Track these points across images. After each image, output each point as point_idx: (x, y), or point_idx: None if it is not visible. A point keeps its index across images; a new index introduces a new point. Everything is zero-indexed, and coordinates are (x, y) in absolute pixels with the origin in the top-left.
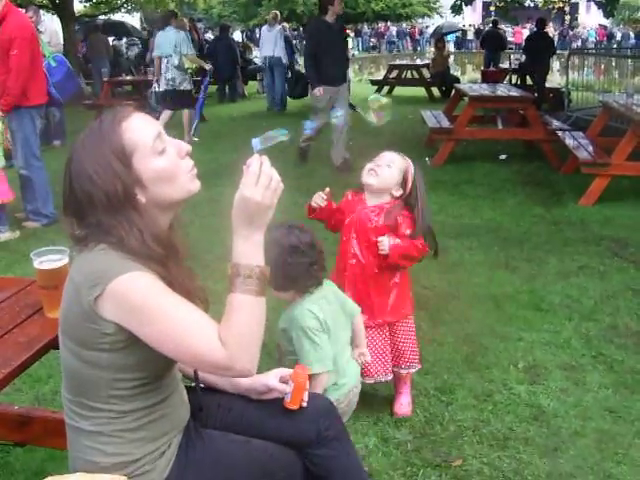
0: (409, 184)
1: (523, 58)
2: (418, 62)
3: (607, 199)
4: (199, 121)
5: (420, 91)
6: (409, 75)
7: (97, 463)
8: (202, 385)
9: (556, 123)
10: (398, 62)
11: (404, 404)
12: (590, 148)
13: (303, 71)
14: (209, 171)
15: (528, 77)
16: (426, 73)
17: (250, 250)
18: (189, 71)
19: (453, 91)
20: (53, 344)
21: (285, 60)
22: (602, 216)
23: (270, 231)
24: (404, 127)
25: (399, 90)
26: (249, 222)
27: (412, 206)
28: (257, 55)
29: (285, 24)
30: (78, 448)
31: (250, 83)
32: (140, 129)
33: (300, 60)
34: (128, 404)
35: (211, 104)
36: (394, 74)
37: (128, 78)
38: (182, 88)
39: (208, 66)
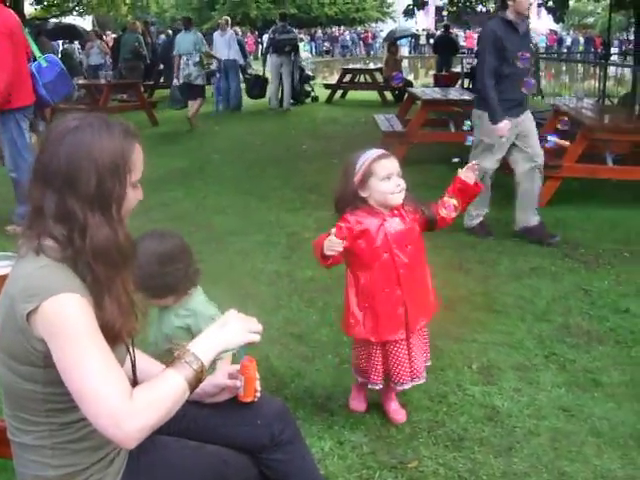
0: None
1: (475, 62)
2: (371, 66)
3: (557, 201)
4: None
5: (373, 95)
6: (362, 79)
7: (44, 477)
8: None
9: None
10: (351, 66)
11: (398, 409)
12: None
13: (258, 74)
14: (160, 176)
15: None
16: (379, 77)
17: (206, 349)
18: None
19: (406, 95)
20: None
21: (241, 62)
22: (553, 217)
23: (142, 240)
24: (357, 131)
25: (352, 94)
26: (219, 336)
27: None
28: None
29: (237, 28)
30: (24, 463)
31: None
32: (141, 158)
33: (253, 64)
34: (68, 416)
35: (162, 107)
36: (347, 78)
37: (81, 82)
38: (196, 83)
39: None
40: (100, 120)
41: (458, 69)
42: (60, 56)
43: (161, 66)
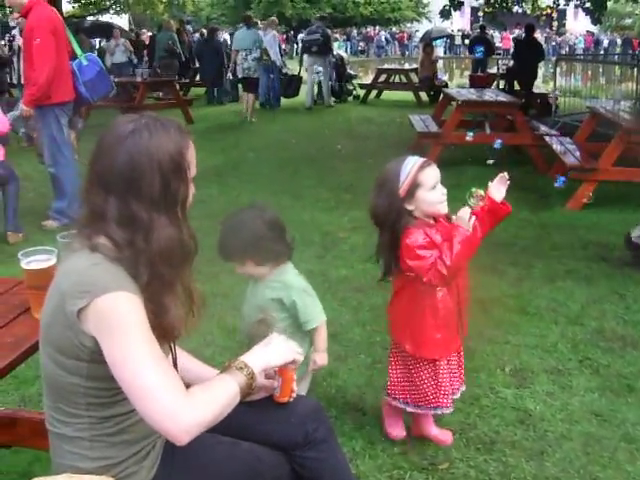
0: None
1: (511, 63)
2: (406, 66)
3: (594, 204)
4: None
5: (408, 95)
6: (397, 79)
7: (80, 468)
8: None
9: (543, 128)
10: (387, 66)
11: (442, 431)
12: (577, 153)
13: (294, 73)
14: (197, 173)
15: (516, 82)
16: (414, 77)
17: (254, 361)
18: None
19: (441, 95)
20: None
21: (279, 63)
22: (589, 221)
23: (243, 212)
24: (392, 131)
25: (387, 94)
26: (264, 353)
27: None
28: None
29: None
30: (60, 454)
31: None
32: (194, 154)
33: (289, 63)
34: (107, 410)
35: (199, 106)
36: (382, 78)
37: (117, 80)
38: (255, 76)
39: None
40: (154, 120)
41: (494, 70)
42: (97, 54)
43: (196, 64)
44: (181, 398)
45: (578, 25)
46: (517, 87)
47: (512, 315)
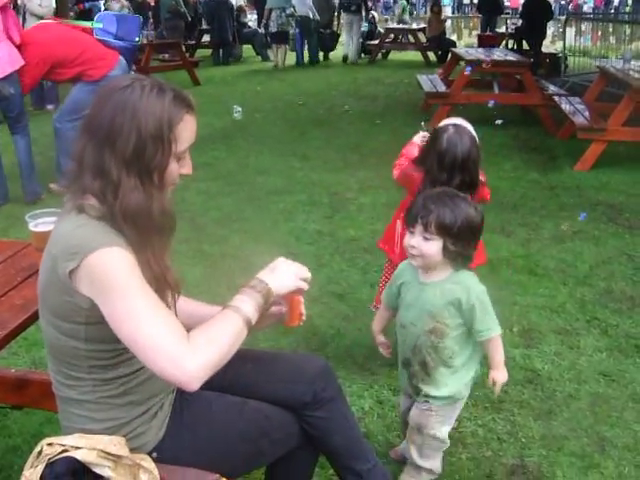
0: None
1: (520, 23)
2: (414, 26)
3: (603, 164)
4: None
5: (416, 55)
6: (405, 39)
7: (89, 430)
8: None
9: (552, 88)
10: (394, 26)
11: None
12: (586, 113)
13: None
14: (203, 136)
15: (525, 42)
16: (422, 37)
17: (272, 280)
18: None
19: (449, 55)
20: None
21: (312, 16)
22: (598, 181)
23: (463, 201)
24: (400, 91)
25: (395, 54)
26: (270, 280)
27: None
28: (251, 19)
29: None
30: (68, 417)
31: (244, 46)
32: (190, 130)
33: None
34: (110, 372)
35: (205, 67)
36: (390, 38)
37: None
38: (287, 30)
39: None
40: (153, 83)
41: (503, 30)
42: None
43: (203, 25)
44: (183, 345)
45: None
46: (526, 47)
47: (520, 276)
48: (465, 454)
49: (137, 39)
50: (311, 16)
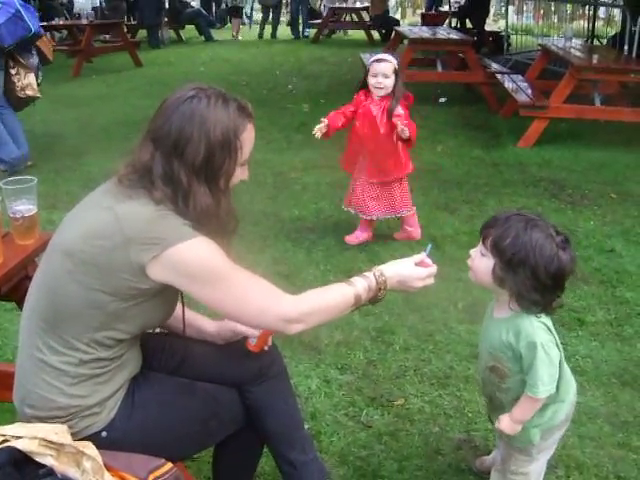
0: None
1: (463, 1)
2: (358, 5)
3: (545, 141)
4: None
5: (360, 34)
6: (349, 18)
7: (52, 400)
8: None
9: (495, 66)
10: (338, 5)
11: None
12: (529, 91)
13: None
14: (146, 118)
15: (468, 20)
16: (366, 16)
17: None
18: None
19: (393, 34)
20: None
21: None
22: (540, 158)
23: (535, 228)
24: (344, 70)
25: (339, 33)
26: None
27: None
28: None
29: None
30: (35, 382)
31: (187, 27)
32: (252, 139)
33: None
34: (104, 352)
35: (147, 48)
36: (334, 17)
37: (61, 23)
38: (241, 5)
39: None
40: (218, 94)
41: (446, 8)
42: None
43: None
44: (283, 299)
45: None
46: (469, 25)
47: (464, 252)
48: (413, 430)
49: (7, 44)
50: None
